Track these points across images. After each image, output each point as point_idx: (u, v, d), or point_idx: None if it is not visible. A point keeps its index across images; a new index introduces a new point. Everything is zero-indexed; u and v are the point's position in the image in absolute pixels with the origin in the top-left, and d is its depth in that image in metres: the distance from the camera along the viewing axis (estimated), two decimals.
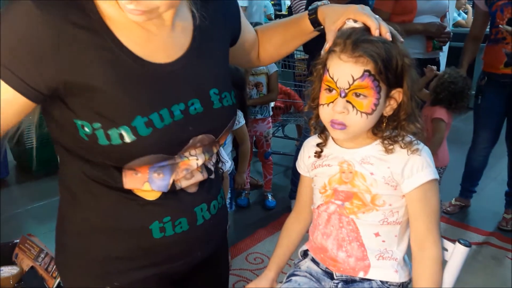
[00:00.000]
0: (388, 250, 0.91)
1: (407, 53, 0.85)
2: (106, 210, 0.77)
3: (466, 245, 0.90)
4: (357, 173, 0.89)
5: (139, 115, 0.69)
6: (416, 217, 0.89)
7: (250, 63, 1.07)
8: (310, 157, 0.99)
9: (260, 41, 1.03)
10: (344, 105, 0.83)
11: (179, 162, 0.77)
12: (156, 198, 0.77)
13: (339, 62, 0.83)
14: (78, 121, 0.69)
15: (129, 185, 0.75)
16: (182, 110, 0.75)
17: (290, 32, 1.00)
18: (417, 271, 0.89)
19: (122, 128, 0.68)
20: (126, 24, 0.70)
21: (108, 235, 0.78)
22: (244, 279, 2.12)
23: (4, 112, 0.65)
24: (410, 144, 0.87)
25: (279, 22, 1.04)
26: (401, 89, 0.86)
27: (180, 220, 0.79)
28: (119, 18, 0.69)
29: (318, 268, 0.99)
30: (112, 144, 0.69)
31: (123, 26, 0.70)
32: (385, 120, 0.89)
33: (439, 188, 0.90)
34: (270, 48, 1.04)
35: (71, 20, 0.65)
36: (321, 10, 0.92)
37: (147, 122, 0.69)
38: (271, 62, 1.10)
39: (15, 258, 1.51)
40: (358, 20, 0.85)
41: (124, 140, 0.69)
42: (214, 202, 0.86)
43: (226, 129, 0.84)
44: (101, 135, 0.69)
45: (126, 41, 0.70)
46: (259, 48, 1.04)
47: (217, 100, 0.80)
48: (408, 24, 2.40)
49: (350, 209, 0.91)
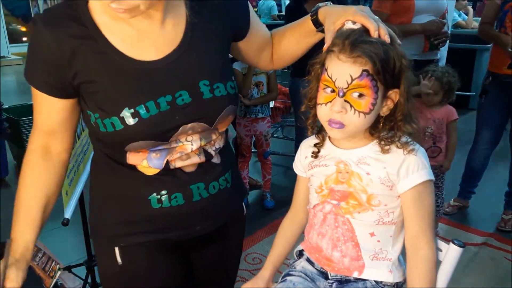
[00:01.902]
0: (383, 250, 0.91)
1: (405, 54, 0.86)
2: (115, 180, 0.93)
3: (460, 246, 0.90)
4: (353, 173, 0.90)
5: (126, 107, 0.82)
6: (411, 217, 0.89)
7: (262, 63, 1.11)
8: (307, 157, 1.00)
9: (274, 43, 1.08)
10: (342, 104, 0.84)
11: (175, 147, 0.89)
12: (154, 174, 0.90)
13: (338, 62, 0.83)
14: (88, 111, 0.86)
15: (131, 161, 0.89)
16: (168, 101, 0.84)
17: (296, 34, 1.03)
18: (411, 271, 0.89)
19: (113, 119, 0.83)
20: (118, 28, 0.83)
21: (117, 202, 0.94)
22: (243, 279, 2.12)
23: (50, 112, 0.88)
24: (406, 145, 0.88)
25: (288, 26, 1.07)
26: (398, 90, 0.86)
27: (176, 195, 0.91)
28: (111, 23, 0.83)
29: (313, 268, 0.99)
30: (107, 131, 0.84)
31: (115, 30, 0.83)
32: (382, 120, 0.89)
33: (434, 189, 0.90)
34: (281, 50, 1.07)
35: (73, 33, 0.81)
36: (322, 11, 0.94)
37: (133, 113, 0.82)
38: (285, 65, 1.13)
39: None
40: (357, 21, 0.86)
41: (115, 128, 0.83)
42: (214, 183, 0.95)
43: (222, 117, 0.92)
44: (100, 124, 0.85)
45: (118, 44, 0.83)
46: (272, 50, 1.08)
47: (208, 91, 0.88)
48: (407, 25, 2.39)
49: (345, 209, 0.91)
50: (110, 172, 0.93)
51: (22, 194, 0.90)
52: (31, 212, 0.90)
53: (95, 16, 0.82)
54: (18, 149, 3.54)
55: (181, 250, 1.00)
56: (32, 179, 0.91)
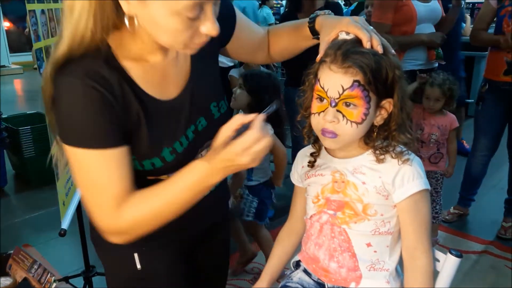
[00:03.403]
0: (380, 260, 0.91)
1: (399, 65, 0.86)
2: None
3: (458, 256, 0.90)
4: (349, 182, 0.90)
5: (165, 146, 0.84)
6: (407, 227, 0.89)
7: (259, 60, 1.14)
8: (303, 167, 1.00)
9: (270, 41, 1.09)
10: (335, 114, 0.84)
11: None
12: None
13: (329, 73, 0.84)
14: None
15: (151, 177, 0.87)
16: (193, 131, 0.89)
17: (293, 37, 1.05)
18: (408, 281, 0.89)
19: (154, 159, 0.83)
20: (142, 72, 0.81)
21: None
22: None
23: (122, 168, 0.78)
24: (401, 154, 0.88)
25: (286, 26, 1.09)
26: (392, 99, 0.86)
27: None
28: (136, 67, 0.81)
29: (310, 279, 0.98)
30: (144, 169, 0.85)
31: (140, 74, 0.81)
32: (376, 130, 0.89)
33: (429, 198, 0.90)
34: (278, 48, 1.10)
35: (113, 80, 0.76)
36: (319, 20, 0.96)
37: (171, 151, 0.85)
38: (283, 59, 1.17)
39: (9, 269, 1.51)
40: (350, 32, 0.86)
41: (155, 167, 0.85)
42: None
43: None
44: (137, 164, 0.84)
45: (146, 87, 0.82)
46: (269, 47, 1.10)
47: (216, 111, 0.93)
48: (413, 36, 2.41)
49: (342, 219, 0.90)
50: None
51: None
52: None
53: (122, 61, 0.79)
54: (17, 158, 3.54)
55: (189, 248, 1.02)
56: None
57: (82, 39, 0.73)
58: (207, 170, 0.75)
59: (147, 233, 0.81)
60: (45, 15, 1.61)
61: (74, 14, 0.72)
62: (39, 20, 1.54)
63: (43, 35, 1.56)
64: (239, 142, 0.71)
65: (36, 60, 1.50)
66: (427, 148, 2.32)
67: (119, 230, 0.80)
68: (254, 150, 0.72)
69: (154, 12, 0.70)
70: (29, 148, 3.36)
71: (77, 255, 2.06)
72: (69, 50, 0.74)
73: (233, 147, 0.72)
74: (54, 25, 1.70)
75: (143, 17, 0.73)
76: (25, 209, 3.08)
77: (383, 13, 2.43)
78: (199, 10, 0.71)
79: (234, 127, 0.74)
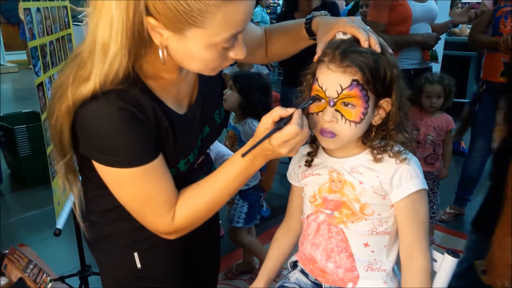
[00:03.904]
0: (378, 260, 0.91)
1: (396, 64, 0.86)
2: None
3: (455, 256, 0.90)
4: (346, 182, 0.89)
5: (182, 158, 0.89)
6: (405, 227, 0.89)
7: (257, 60, 1.16)
8: (300, 166, 0.99)
9: (267, 41, 1.10)
10: (333, 114, 0.84)
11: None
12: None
13: (328, 72, 0.83)
14: None
15: None
16: (200, 139, 0.94)
17: (290, 37, 1.06)
18: (406, 281, 0.89)
19: (170, 170, 0.85)
20: (161, 88, 0.83)
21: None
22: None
23: (165, 177, 0.83)
24: (399, 154, 0.87)
25: (283, 26, 1.10)
26: (390, 99, 0.86)
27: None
28: (157, 85, 0.83)
29: (307, 279, 0.98)
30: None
31: (160, 90, 0.83)
32: (374, 129, 0.89)
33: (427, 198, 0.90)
34: (275, 49, 1.11)
35: (139, 102, 0.77)
36: (315, 21, 0.96)
37: (186, 161, 0.90)
38: (280, 59, 1.20)
39: (4, 269, 1.50)
40: (347, 32, 0.86)
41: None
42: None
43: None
44: None
45: (168, 103, 0.84)
46: (266, 47, 1.11)
47: (218, 117, 0.99)
48: (408, 36, 2.42)
49: (339, 219, 0.90)
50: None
51: None
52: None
53: (146, 81, 0.81)
54: (12, 157, 3.52)
55: (187, 245, 1.03)
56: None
57: (116, 76, 0.73)
58: (249, 157, 0.82)
59: (201, 223, 0.88)
60: (41, 13, 1.60)
61: (108, 55, 0.71)
62: (35, 18, 1.52)
63: (38, 33, 1.55)
64: (280, 135, 0.77)
65: (31, 59, 1.49)
66: (423, 149, 2.32)
67: (176, 229, 0.86)
68: (293, 142, 0.78)
69: (190, 45, 0.73)
70: (24, 147, 3.34)
71: (73, 254, 2.05)
72: (100, 88, 0.73)
73: (275, 140, 0.78)
74: (50, 23, 1.69)
75: (176, 48, 0.74)
76: (20, 208, 3.06)
77: (378, 12, 2.44)
78: (233, 40, 0.76)
79: (274, 119, 0.78)
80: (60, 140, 0.79)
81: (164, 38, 0.73)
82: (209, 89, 0.94)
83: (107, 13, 0.69)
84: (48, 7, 1.68)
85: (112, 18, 0.69)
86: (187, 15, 0.68)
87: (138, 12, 0.69)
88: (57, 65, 1.74)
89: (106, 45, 0.71)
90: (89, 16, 0.72)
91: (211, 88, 0.95)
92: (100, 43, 0.71)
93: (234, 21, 0.72)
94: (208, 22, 0.69)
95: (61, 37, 1.84)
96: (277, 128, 0.77)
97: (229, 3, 0.69)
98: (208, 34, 0.71)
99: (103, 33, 0.70)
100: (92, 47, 0.72)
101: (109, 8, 0.69)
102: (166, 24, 0.70)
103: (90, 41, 0.72)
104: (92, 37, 0.72)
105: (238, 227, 2.06)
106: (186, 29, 0.70)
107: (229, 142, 2.03)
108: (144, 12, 0.69)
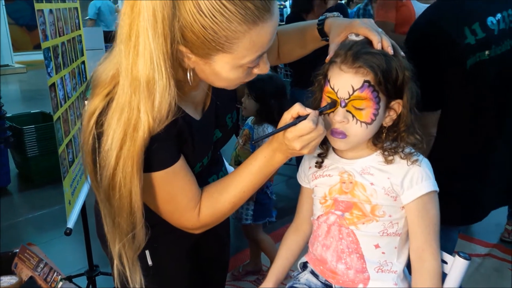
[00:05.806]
0: (388, 262, 0.91)
1: (408, 66, 0.86)
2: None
3: (466, 258, 0.90)
4: (357, 183, 0.89)
5: (198, 162, 0.92)
6: (415, 229, 0.89)
7: (270, 61, 1.15)
8: (311, 168, 0.99)
9: (279, 42, 1.11)
10: (344, 114, 0.84)
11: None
12: None
13: (340, 73, 0.84)
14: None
15: None
16: (213, 142, 0.97)
17: (302, 39, 1.07)
18: (416, 283, 0.89)
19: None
20: (181, 96, 0.81)
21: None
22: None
23: (187, 176, 0.86)
24: (410, 155, 0.88)
25: (295, 27, 1.11)
26: (401, 100, 0.86)
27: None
28: (177, 94, 0.80)
29: (317, 280, 0.98)
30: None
31: (181, 98, 0.81)
32: (385, 131, 0.89)
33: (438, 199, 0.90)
34: (287, 50, 1.11)
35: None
36: (328, 22, 0.97)
37: (201, 165, 0.93)
38: (290, 61, 1.20)
39: (15, 268, 1.51)
40: (360, 33, 0.87)
41: None
42: (221, 173, 1.07)
43: None
44: None
45: (187, 110, 0.87)
46: (278, 48, 1.12)
47: (230, 121, 1.01)
48: None
49: (350, 220, 0.90)
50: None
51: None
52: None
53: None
54: (20, 157, 3.54)
55: (196, 242, 1.04)
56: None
57: (168, 112, 0.74)
58: (269, 153, 0.85)
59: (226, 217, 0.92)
60: (53, 14, 1.61)
61: (156, 98, 0.72)
62: (47, 20, 1.54)
63: (51, 34, 1.57)
64: (294, 129, 0.79)
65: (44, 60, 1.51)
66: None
67: (202, 224, 0.89)
68: (306, 138, 0.79)
69: (218, 68, 0.75)
70: (32, 147, 3.37)
71: (81, 254, 2.06)
72: (154, 123, 0.74)
73: (289, 133, 0.79)
74: (62, 24, 1.71)
75: (203, 70, 0.77)
76: (28, 208, 3.08)
77: (386, 12, 2.44)
78: (259, 59, 0.77)
79: (293, 115, 0.80)
80: (130, 209, 0.78)
81: (191, 62, 0.75)
82: (222, 94, 0.94)
83: (144, 48, 0.68)
84: (60, 8, 1.70)
85: (151, 52, 0.68)
86: (215, 42, 0.70)
87: (175, 41, 0.70)
88: (68, 66, 1.76)
89: (152, 89, 0.71)
90: (118, 55, 0.71)
91: (224, 93, 0.95)
92: (148, 86, 0.70)
93: (260, 43, 0.73)
94: (235, 47, 0.71)
95: (72, 38, 1.85)
96: (293, 123, 0.78)
97: (255, 27, 0.70)
98: (235, 57, 0.73)
99: (143, 68, 0.69)
100: (134, 87, 0.71)
101: (146, 43, 0.68)
102: (194, 50, 0.72)
103: (127, 82, 0.71)
104: (129, 76, 0.71)
105: (250, 224, 2.09)
106: (213, 55, 0.72)
107: (242, 139, 2.05)
108: (181, 41, 0.70)
